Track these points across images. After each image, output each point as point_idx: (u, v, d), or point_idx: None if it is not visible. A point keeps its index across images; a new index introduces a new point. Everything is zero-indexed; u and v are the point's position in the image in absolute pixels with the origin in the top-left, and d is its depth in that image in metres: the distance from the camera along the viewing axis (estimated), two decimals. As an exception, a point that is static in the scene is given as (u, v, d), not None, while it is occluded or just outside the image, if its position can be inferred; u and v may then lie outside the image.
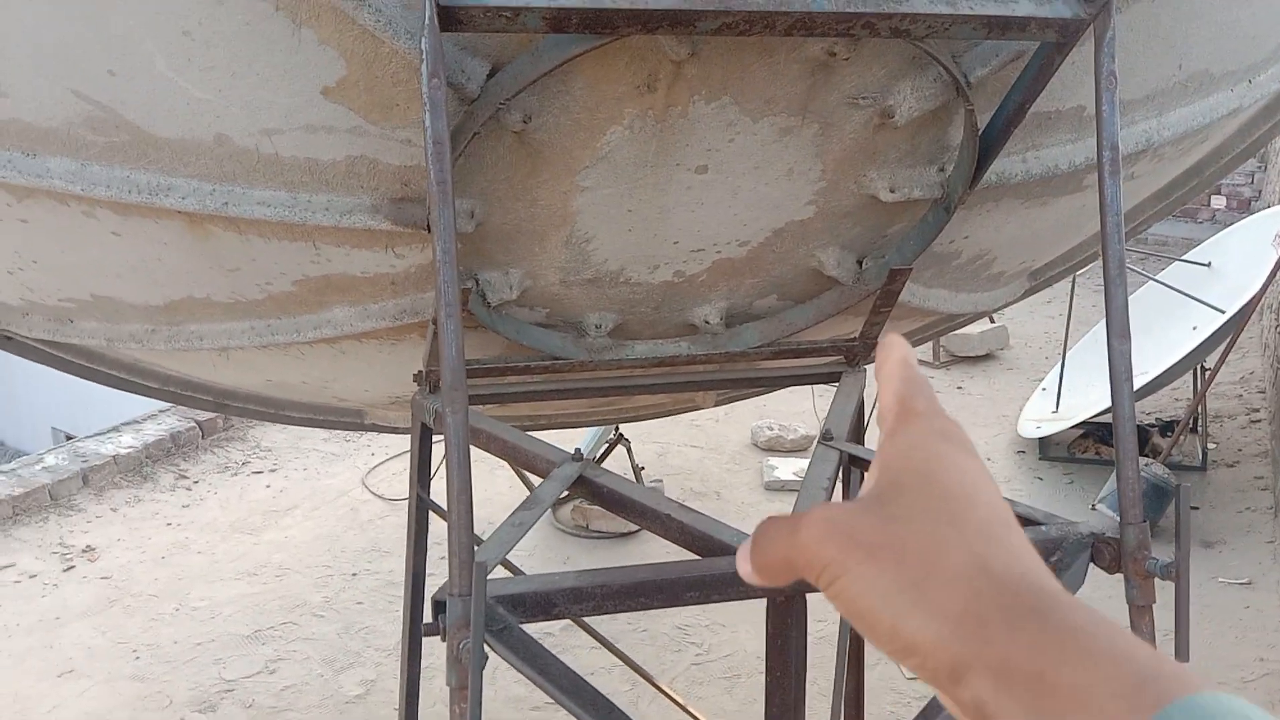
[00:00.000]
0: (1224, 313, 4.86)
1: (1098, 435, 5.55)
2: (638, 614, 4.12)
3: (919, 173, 1.77)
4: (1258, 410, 5.97)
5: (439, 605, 1.31)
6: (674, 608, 3.93)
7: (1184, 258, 5.97)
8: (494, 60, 1.41)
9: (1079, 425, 5.33)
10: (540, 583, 1.45)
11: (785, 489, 5.30)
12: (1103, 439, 5.53)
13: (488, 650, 1.32)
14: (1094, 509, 4.75)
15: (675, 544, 1.74)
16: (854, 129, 1.64)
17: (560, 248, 1.80)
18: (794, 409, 6.04)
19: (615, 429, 4.83)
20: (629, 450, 4.92)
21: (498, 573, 1.82)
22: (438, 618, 1.31)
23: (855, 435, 2.22)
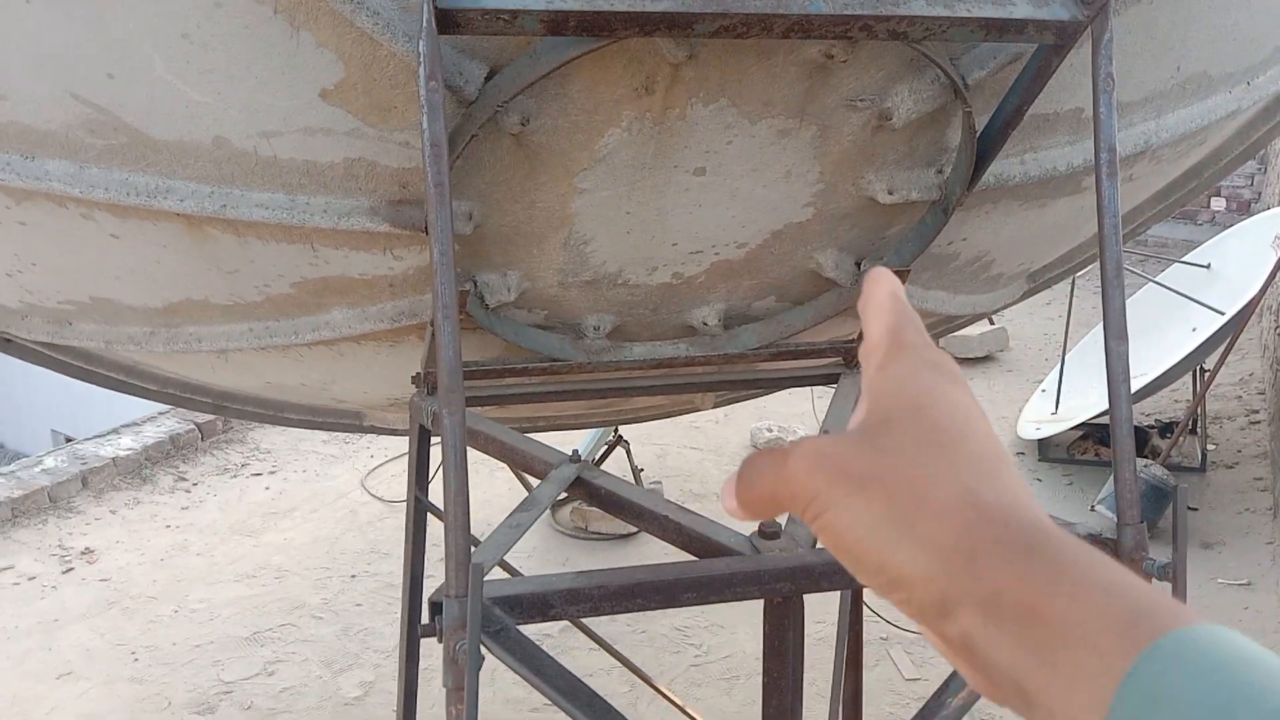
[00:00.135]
0: (1223, 314, 4.86)
1: (1097, 437, 5.55)
2: (636, 615, 4.13)
3: (917, 175, 1.78)
4: (1257, 412, 5.97)
5: (436, 606, 1.31)
6: (673, 609, 3.93)
7: (1183, 259, 5.98)
8: (492, 63, 1.41)
9: (1078, 427, 5.33)
10: (537, 584, 1.45)
11: (785, 490, 5.29)
12: (1102, 440, 5.53)
13: (485, 651, 1.32)
14: (1093, 510, 4.76)
15: (673, 545, 1.74)
16: (852, 131, 1.64)
17: (558, 250, 1.80)
18: (793, 410, 6.05)
19: (614, 431, 4.83)
20: (628, 452, 4.92)
21: (496, 574, 1.82)
22: (434, 619, 1.31)
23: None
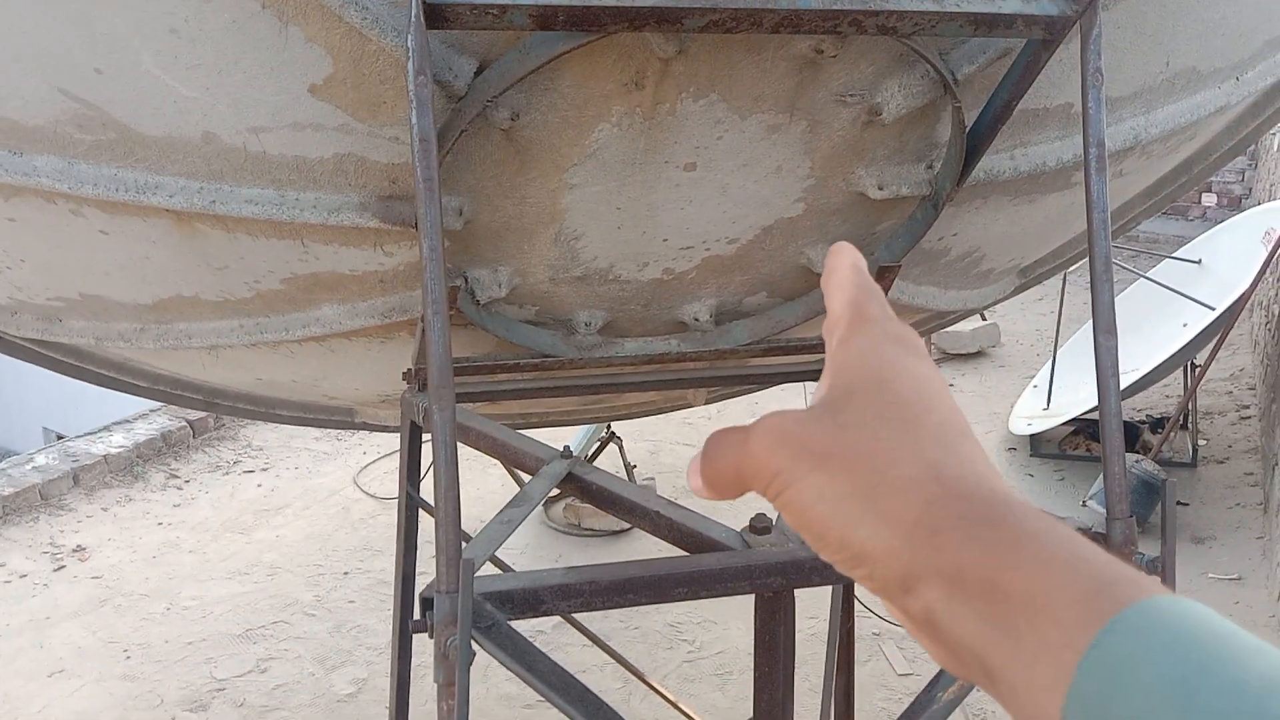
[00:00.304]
0: (1214, 309, 4.88)
1: (1089, 432, 5.57)
2: (629, 612, 4.13)
3: (907, 170, 1.78)
4: (1248, 407, 6.00)
5: (427, 602, 1.31)
6: (665, 605, 3.93)
7: (1174, 255, 6.00)
8: (481, 58, 1.41)
9: (1070, 422, 5.34)
10: (528, 579, 1.45)
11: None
12: (1094, 436, 5.55)
13: (476, 647, 1.32)
14: (1085, 505, 4.77)
15: (664, 540, 1.74)
16: (842, 126, 1.64)
17: (549, 245, 1.80)
18: (785, 407, 6.04)
19: (607, 427, 4.83)
20: (621, 448, 4.92)
21: (488, 570, 1.82)
22: (425, 614, 1.31)
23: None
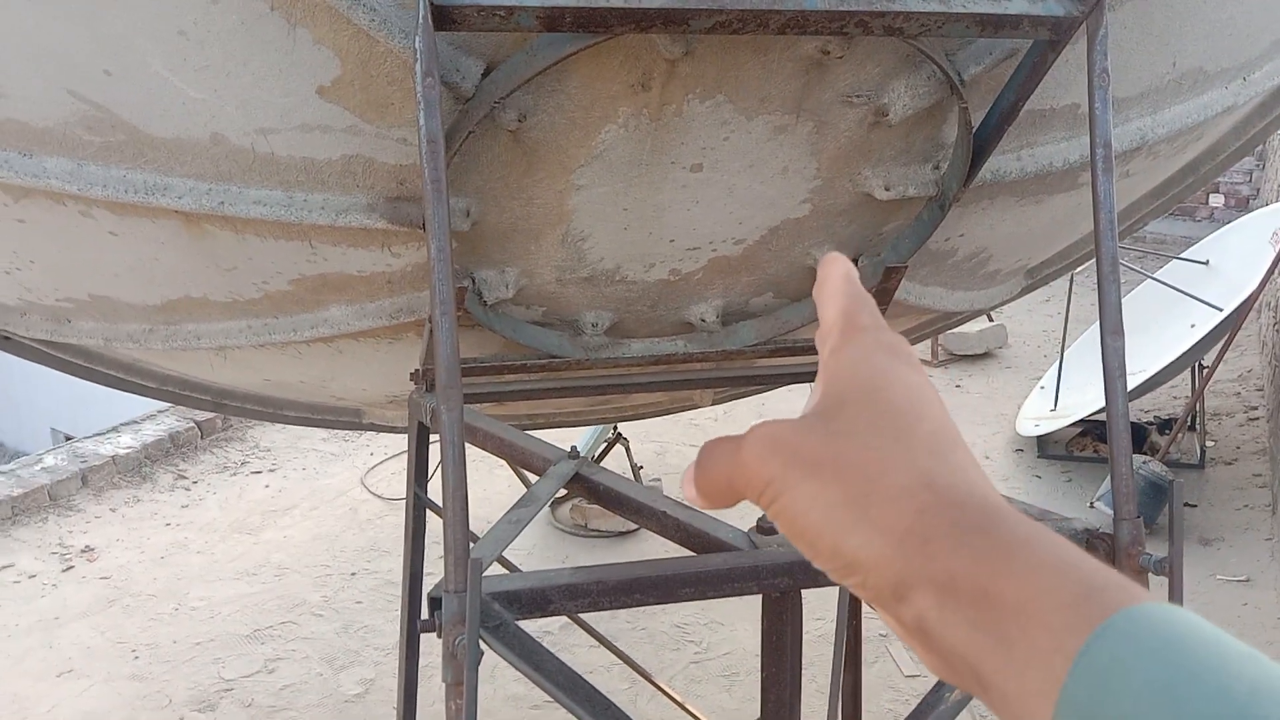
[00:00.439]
0: (1222, 310, 4.87)
1: (1096, 433, 5.56)
2: (636, 612, 4.13)
3: (914, 170, 1.78)
4: (1256, 408, 5.98)
5: (435, 601, 1.31)
6: (672, 605, 3.93)
7: (1182, 256, 5.98)
8: (489, 59, 1.42)
9: (1077, 423, 5.33)
10: (536, 579, 1.45)
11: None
12: (1101, 437, 5.54)
13: (484, 647, 1.32)
14: (1092, 507, 4.76)
15: (672, 541, 1.74)
16: (848, 127, 1.65)
17: (556, 246, 1.81)
18: (792, 407, 6.05)
19: (614, 428, 4.83)
20: (627, 449, 4.92)
21: (495, 570, 1.83)
22: (434, 614, 1.31)
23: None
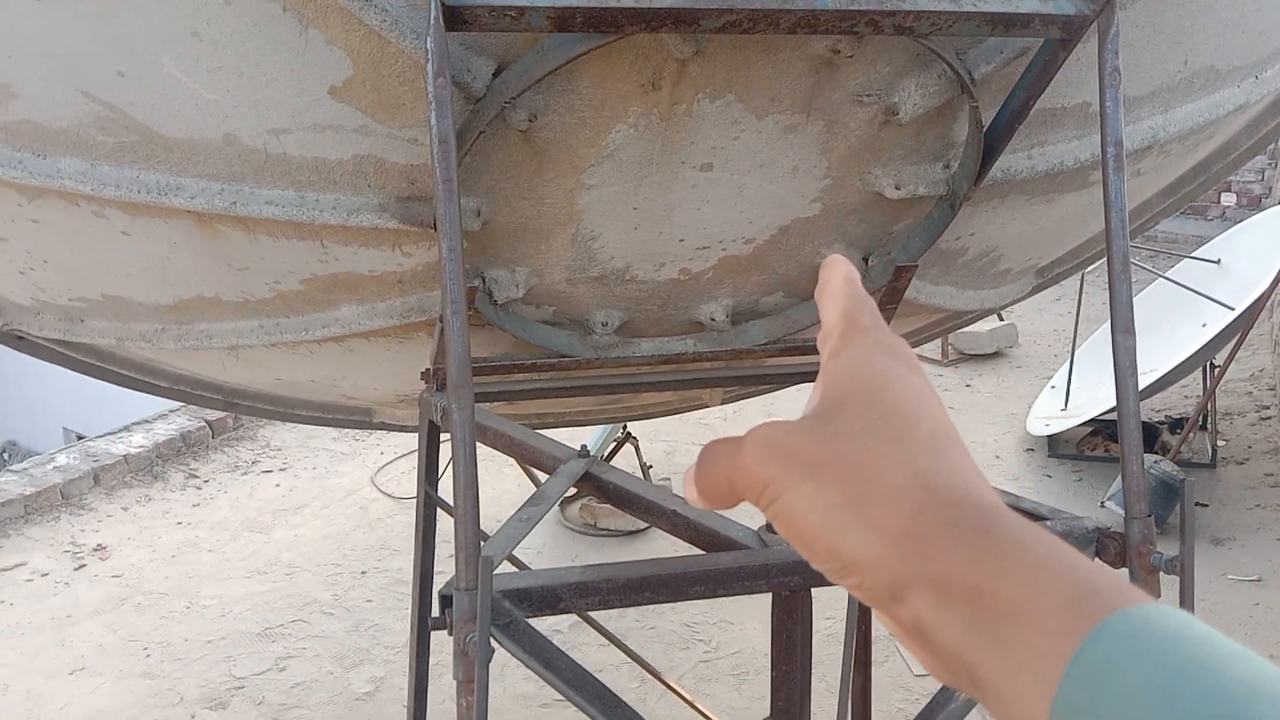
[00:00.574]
0: (1234, 309, 4.85)
1: (1107, 433, 5.54)
2: (645, 611, 4.13)
3: (924, 169, 1.78)
4: (1268, 407, 5.95)
5: (446, 599, 1.32)
6: (681, 604, 3.93)
7: (1194, 255, 5.96)
8: (499, 59, 1.42)
9: (1088, 423, 5.32)
10: (546, 577, 1.45)
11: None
12: (1112, 436, 5.52)
13: (494, 645, 1.33)
14: (1103, 506, 4.75)
15: (682, 539, 1.74)
16: (859, 126, 1.65)
17: (566, 246, 1.81)
18: (801, 407, 6.03)
19: (623, 427, 4.84)
20: (637, 448, 4.92)
21: (505, 569, 1.83)
22: (444, 612, 1.32)
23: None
